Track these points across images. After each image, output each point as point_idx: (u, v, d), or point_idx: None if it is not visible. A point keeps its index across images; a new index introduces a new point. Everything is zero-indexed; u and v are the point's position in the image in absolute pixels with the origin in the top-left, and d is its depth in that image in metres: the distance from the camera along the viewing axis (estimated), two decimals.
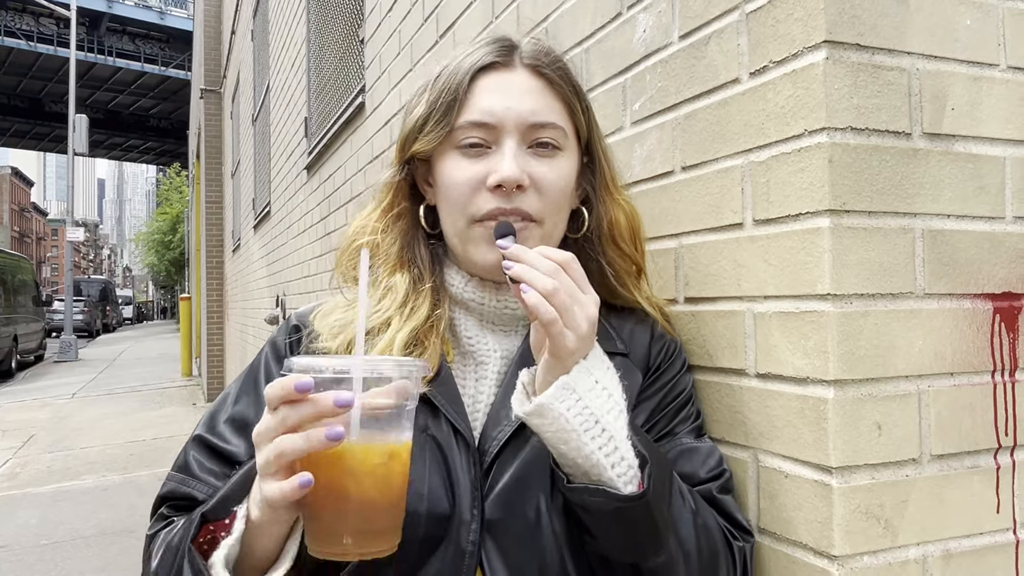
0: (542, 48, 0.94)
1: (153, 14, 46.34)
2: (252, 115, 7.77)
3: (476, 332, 0.94)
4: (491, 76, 0.91)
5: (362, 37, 3.21)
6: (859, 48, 0.86)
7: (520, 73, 0.92)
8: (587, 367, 0.77)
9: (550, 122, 0.90)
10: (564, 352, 0.75)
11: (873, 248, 0.85)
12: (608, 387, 0.79)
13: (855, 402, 0.84)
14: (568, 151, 0.93)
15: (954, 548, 0.89)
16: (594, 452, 0.76)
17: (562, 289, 0.75)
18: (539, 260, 0.77)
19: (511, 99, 0.89)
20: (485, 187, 0.88)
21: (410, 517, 0.81)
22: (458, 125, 0.90)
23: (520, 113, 0.89)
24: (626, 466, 0.77)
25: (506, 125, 0.89)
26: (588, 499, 0.77)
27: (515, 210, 0.87)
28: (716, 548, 0.84)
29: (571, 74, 0.95)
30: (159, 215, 34.45)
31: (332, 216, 3.78)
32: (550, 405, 0.75)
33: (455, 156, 0.91)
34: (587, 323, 0.76)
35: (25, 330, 17.30)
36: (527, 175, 0.88)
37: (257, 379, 0.95)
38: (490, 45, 0.93)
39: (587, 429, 0.76)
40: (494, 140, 0.89)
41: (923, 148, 0.89)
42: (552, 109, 0.91)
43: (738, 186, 0.97)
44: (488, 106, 0.89)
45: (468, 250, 0.92)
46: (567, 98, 0.93)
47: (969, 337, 0.91)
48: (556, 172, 0.90)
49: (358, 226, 0.99)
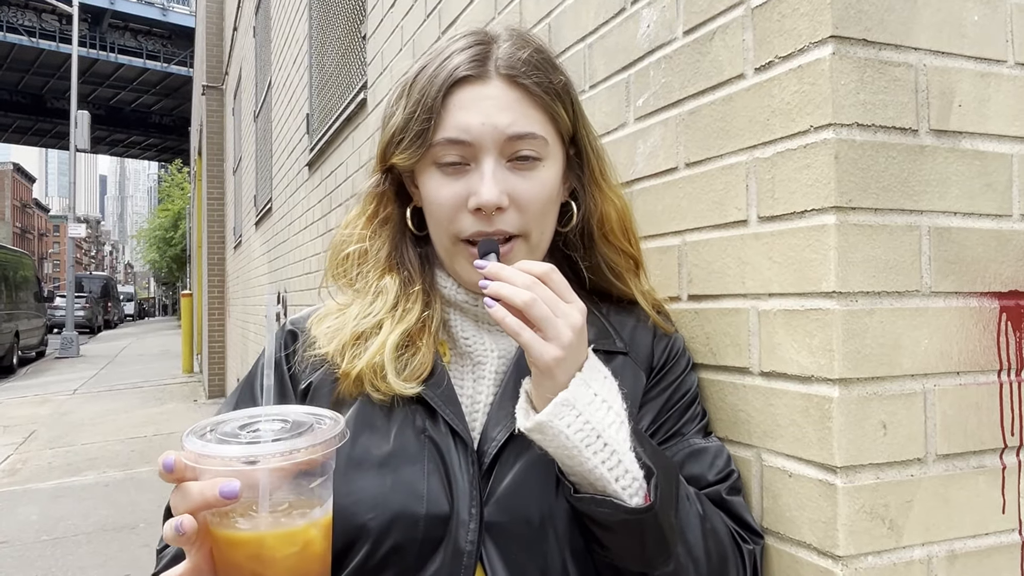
0: (519, 55, 0.89)
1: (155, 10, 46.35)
2: (254, 111, 7.77)
3: (473, 333, 0.93)
4: (466, 90, 0.88)
5: (364, 33, 3.20)
6: (866, 43, 0.85)
7: (495, 85, 0.88)
8: (584, 379, 0.77)
9: (528, 132, 0.87)
10: (548, 363, 0.74)
11: (879, 246, 0.85)
12: (607, 399, 0.78)
13: (860, 401, 0.83)
14: (550, 158, 0.90)
15: (959, 548, 0.88)
16: (597, 467, 0.75)
17: (539, 300, 0.74)
18: (515, 275, 0.76)
19: (486, 114, 0.86)
20: (466, 208, 0.87)
21: (410, 518, 0.81)
22: (435, 142, 0.88)
23: (496, 128, 0.86)
24: (630, 479, 0.76)
25: (484, 141, 0.86)
26: (595, 510, 0.77)
27: (496, 232, 0.86)
28: (725, 553, 0.84)
29: (552, 74, 0.90)
30: (161, 212, 34.44)
31: (333, 213, 3.78)
32: (549, 423, 0.75)
33: (435, 173, 0.89)
34: (571, 332, 0.75)
35: (27, 326, 17.31)
36: (506, 195, 0.86)
37: (253, 389, 0.96)
38: (465, 52, 0.89)
39: (588, 444, 0.75)
40: (472, 157, 0.87)
41: (930, 145, 0.88)
42: (530, 119, 0.88)
43: (743, 183, 0.96)
44: (464, 123, 0.86)
45: (454, 267, 0.92)
46: (547, 105, 0.89)
47: (975, 336, 0.90)
48: (537, 186, 0.88)
49: (345, 233, 0.98)
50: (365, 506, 0.81)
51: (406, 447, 0.85)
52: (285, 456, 0.66)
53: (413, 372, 0.88)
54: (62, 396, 10.94)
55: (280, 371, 0.95)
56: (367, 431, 0.87)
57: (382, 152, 0.94)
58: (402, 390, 0.86)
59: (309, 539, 0.69)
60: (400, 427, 0.86)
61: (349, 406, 0.89)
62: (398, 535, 0.80)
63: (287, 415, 0.73)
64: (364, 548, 0.81)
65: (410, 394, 0.86)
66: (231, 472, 0.65)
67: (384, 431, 0.86)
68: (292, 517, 0.68)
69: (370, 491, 0.82)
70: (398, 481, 0.83)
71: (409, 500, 0.81)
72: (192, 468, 0.66)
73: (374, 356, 0.87)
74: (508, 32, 0.92)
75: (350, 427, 0.87)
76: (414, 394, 0.86)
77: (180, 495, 0.67)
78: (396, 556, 0.80)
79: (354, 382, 0.88)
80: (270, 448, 0.66)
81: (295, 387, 0.93)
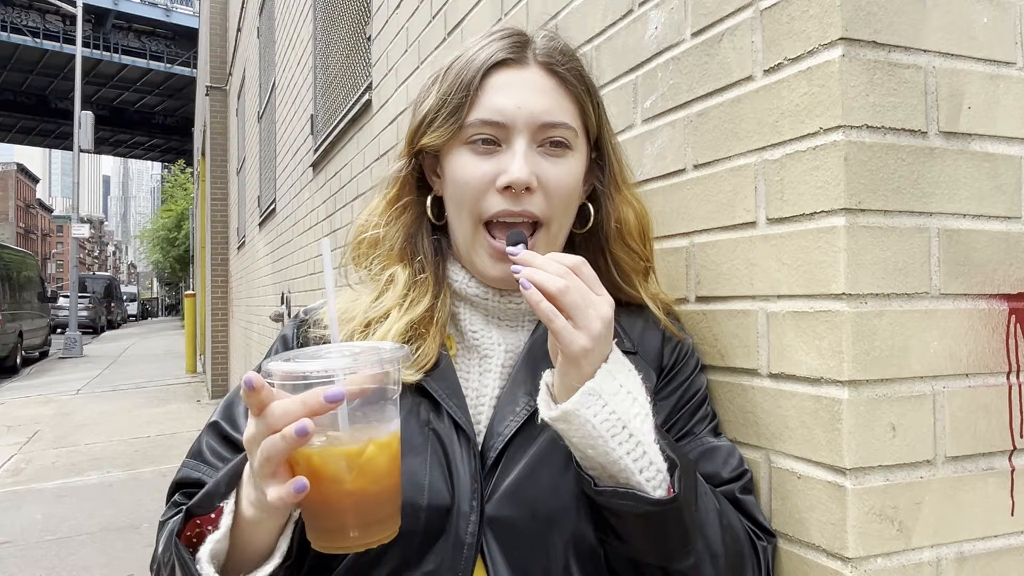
0: (556, 45, 0.93)
1: (159, 11, 46.46)
2: (258, 112, 7.78)
3: (481, 327, 0.94)
4: (503, 73, 0.90)
5: (369, 34, 3.21)
6: (875, 46, 0.85)
7: (533, 71, 0.91)
8: (610, 371, 0.77)
9: (562, 122, 0.90)
10: (576, 352, 0.75)
11: (888, 247, 0.85)
12: (632, 391, 0.78)
13: (869, 403, 0.83)
14: (577, 150, 0.92)
15: (968, 551, 0.88)
16: (622, 457, 0.75)
17: (573, 289, 0.75)
18: (548, 263, 0.77)
19: (523, 98, 0.89)
20: (494, 187, 0.88)
21: (411, 509, 0.81)
22: (469, 122, 0.89)
23: (532, 112, 0.88)
24: (655, 470, 0.76)
25: (517, 124, 0.88)
26: (617, 503, 0.76)
27: (523, 212, 0.87)
28: (741, 549, 0.84)
29: (584, 71, 0.94)
30: (164, 212, 34.54)
31: (338, 214, 3.78)
32: (576, 411, 0.75)
33: (464, 152, 0.90)
34: (600, 323, 0.76)
35: (30, 326, 17.34)
36: (536, 177, 0.87)
37: None
38: (503, 40, 0.92)
39: (614, 435, 0.75)
40: (505, 138, 0.89)
41: (939, 147, 0.88)
42: (564, 109, 0.90)
43: (751, 184, 0.96)
44: (500, 105, 0.88)
45: (473, 260, 0.92)
46: (579, 97, 0.92)
47: (984, 338, 0.90)
48: (565, 172, 0.90)
49: (365, 219, 0.99)
50: None
51: (410, 438, 0.85)
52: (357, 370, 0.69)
53: (417, 362, 0.88)
54: (65, 396, 10.95)
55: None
56: None
57: (411, 135, 0.95)
58: (403, 378, 0.86)
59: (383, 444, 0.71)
60: (404, 418, 0.86)
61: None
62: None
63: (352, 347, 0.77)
64: None
65: (410, 381, 0.87)
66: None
67: None
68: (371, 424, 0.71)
69: None
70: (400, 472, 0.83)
71: (411, 491, 0.82)
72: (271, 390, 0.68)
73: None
74: (543, 30, 0.95)
75: None
76: (414, 381, 0.87)
77: (271, 415, 0.67)
78: (397, 546, 0.80)
79: None
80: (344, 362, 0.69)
81: None
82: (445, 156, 0.93)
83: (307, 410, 0.66)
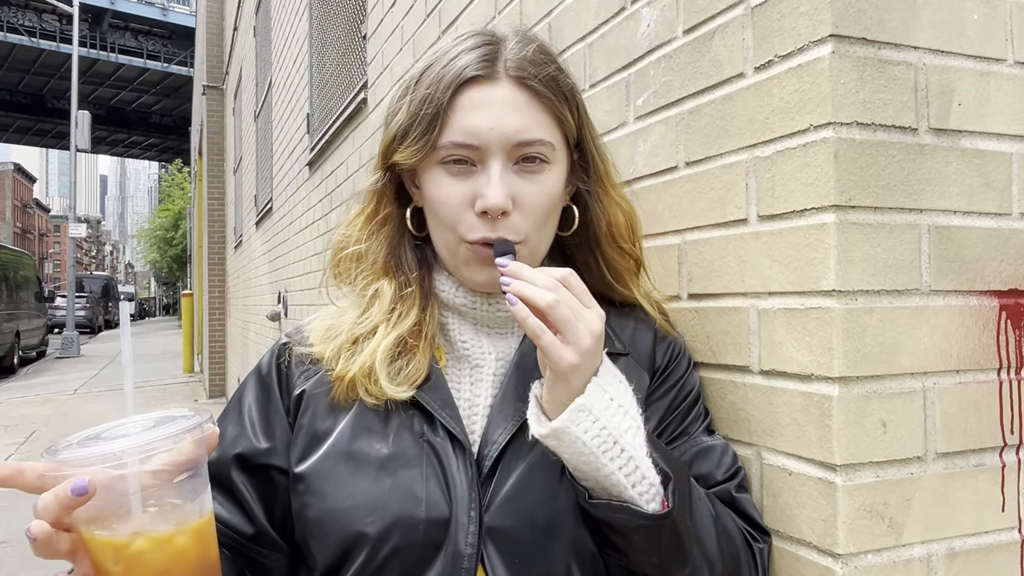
0: (526, 54, 0.88)
1: (155, 10, 46.39)
2: (254, 111, 7.77)
3: (471, 336, 0.92)
4: (474, 90, 0.86)
5: (364, 33, 3.21)
6: (865, 42, 0.85)
7: (504, 87, 0.86)
8: (600, 384, 0.76)
9: (537, 139, 0.86)
10: (564, 368, 0.73)
11: (879, 244, 0.85)
12: (623, 404, 0.77)
13: (860, 399, 0.83)
14: (556, 162, 0.89)
15: (959, 547, 0.88)
16: (614, 472, 0.74)
17: (562, 303, 0.73)
18: (538, 276, 0.76)
19: (495, 118, 0.85)
20: (472, 209, 0.85)
21: (409, 522, 0.80)
22: (442, 144, 0.86)
23: (505, 133, 0.84)
24: (647, 484, 0.76)
25: (491, 145, 0.85)
26: (611, 516, 0.76)
27: (499, 239, 0.85)
28: (738, 553, 0.84)
29: (560, 75, 0.89)
30: (161, 211, 34.47)
31: (334, 212, 3.78)
32: (566, 429, 0.74)
33: (439, 172, 0.87)
34: (590, 338, 0.74)
35: (27, 326, 17.31)
36: (511, 199, 0.85)
37: (240, 403, 0.96)
38: (473, 52, 0.87)
39: (605, 451, 0.74)
40: (479, 159, 0.86)
41: (929, 144, 0.88)
42: (539, 123, 0.87)
43: (742, 182, 0.96)
44: (472, 126, 0.85)
45: (459, 269, 0.90)
46: (555, 108, 0.88)
47: (975, 334, 0.90)
48: (542, 190, 0.87)
49: (344, 234, 0.98)
50: (363, 510, 0.81)
51: (404, 451, 0.84)
52: (145, 448, 0.64)
53: (408, 377, 0.87)
54: (63, 396, 10.94)
55: (268, 380, 0.95)
56: (365, 435, 0.86)
57: (384, 150, 0.93)
58: (394, 394, 0.85)
59: (181, 546, 0.66)
60: (398, 431, 0.86)
61: (346, 411, 0.88)
62: (398, 539, 0.80)
63: (152, 417, 0.71)
64: (363, 553, 0.80)
65: (402, 398, 0.85)
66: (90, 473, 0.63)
67: (381, 435, 0.86)
68: (164, 521, 0.66)
69: (368, 494, 0.82)
70: (396, 485, 0.82)
71: (408, 504, 0.81)
72: (54, 477, 0.64)
73: (367, 360, 0.87)
74: (516, 33, 0.90)
75: (348, 432, 0.87)
76: (407, 398, 0.86)
77: (40, 506, 0.65)
78: (396, 560, 0.80)
79: (348, 386, 0.88)
80: (127, 443, 0.64)
81: (288, 394, 0.93)
82: (421, 173, 0.91)
83: (58, 503, 0.63)
